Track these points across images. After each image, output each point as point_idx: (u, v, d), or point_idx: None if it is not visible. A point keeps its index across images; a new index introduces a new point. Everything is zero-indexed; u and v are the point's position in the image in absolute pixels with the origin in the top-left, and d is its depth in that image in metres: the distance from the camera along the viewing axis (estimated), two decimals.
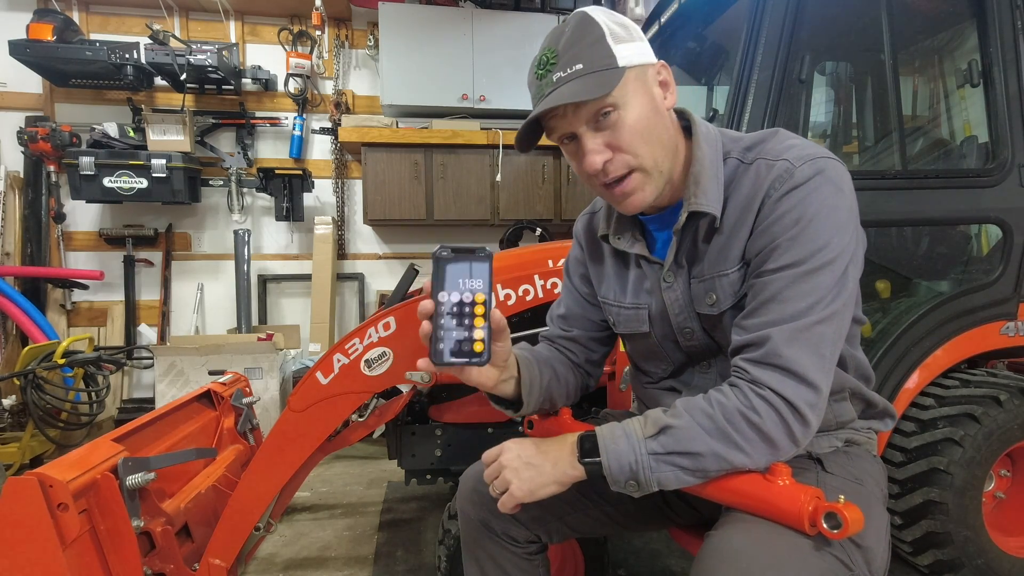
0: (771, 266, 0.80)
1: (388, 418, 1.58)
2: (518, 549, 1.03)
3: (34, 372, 2.60)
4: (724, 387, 0.80)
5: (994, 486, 1.66)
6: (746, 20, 1.52)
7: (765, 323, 0.78)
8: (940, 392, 1.59)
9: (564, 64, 0.79)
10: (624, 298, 1.01)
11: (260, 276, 3.84)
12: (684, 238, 0.90)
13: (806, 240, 0.78)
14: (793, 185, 0.80)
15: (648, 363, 1.05)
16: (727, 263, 0.86)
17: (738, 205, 0.85)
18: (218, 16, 3.71)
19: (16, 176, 3.55)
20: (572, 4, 3.78)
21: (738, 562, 0.72)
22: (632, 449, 0.78)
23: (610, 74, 0.78)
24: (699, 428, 0.77)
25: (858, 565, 0.78)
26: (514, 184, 3.64)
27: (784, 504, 0.74)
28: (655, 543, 1.99)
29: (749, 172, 0.86)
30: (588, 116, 0.81)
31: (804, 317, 0.77)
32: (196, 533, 1.41)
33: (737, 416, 0.76)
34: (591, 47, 0.79)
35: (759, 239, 0.82)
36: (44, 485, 1.01)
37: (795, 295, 0.77)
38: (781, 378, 0.76)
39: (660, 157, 0.84)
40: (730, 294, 0.86)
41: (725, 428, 0.76)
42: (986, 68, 1.67)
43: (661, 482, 0.78)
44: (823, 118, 2.35)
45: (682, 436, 0.77)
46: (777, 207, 0.80)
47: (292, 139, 3.80)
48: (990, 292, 1.66)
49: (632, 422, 0.82)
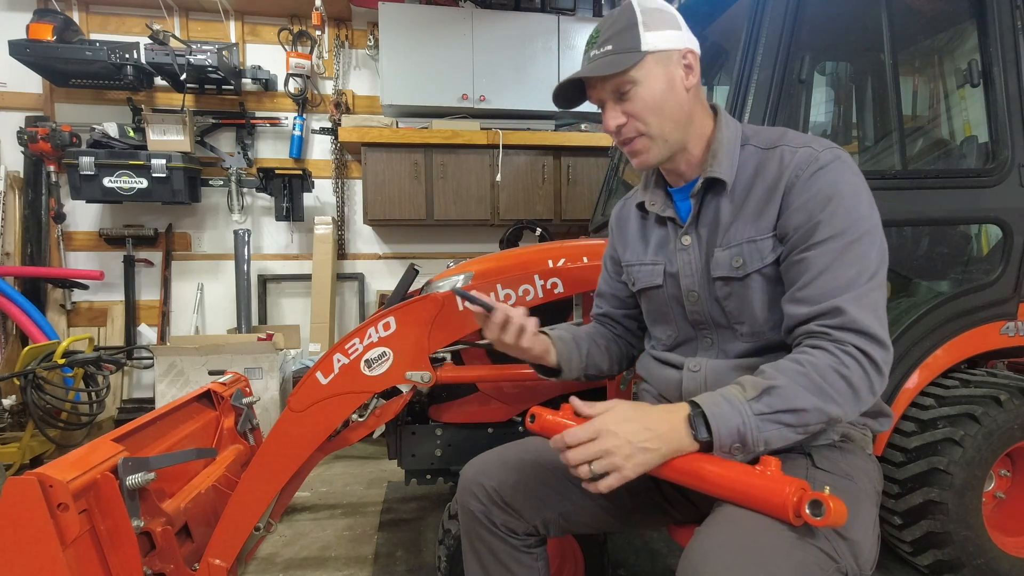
0: (816, 239, 0.89)
1: (388, 418, 1.58)
2: (517, 542, 1.04)
3: (34, 372, 2.60)
4: (806, 349, 0.86)
5: (994, 486, 1.66)
6: (746, 20, 1.52)
7: (827, 293, 0.87)
8: (940, 392, 1.59)
9: (600, 44, 0.96)
10: (645, 256, 1.13)
11: (260, 276, 3.84)
12: (703, 206, 1.02)
13: (843, 214, 0.88)
14: (819, 166, 0.91)
15: (657, 326, 1.15)
16: (757, 231, 0.96)
17: (766, 184, 0.96)
18: (218, 16, 3.71)
19: (16, 176, 3.55)
20: (572, 4, 3.78)
21: (724, 555, 0.75)
22: (738, 413, 0.81)
23: (629, 57, 0.94)
24: (799, 386, 0.83)
25: (844, 557, 0.81)
26: (514, 184, 3.64)
27: (770, 494, 0.75)
28: (655, 543, 1.99)
29: (773, 156, 0.97)
30: (612, 88, 0.97)
31: (859, 284, 0.86)
32: (196, 533, 1.41)
33: (830, 372, 0.83)
34: (622, 33, 0.95)
35: (795, 216, 0.91)
36: (44, 485, 1.01)
37: (845, 264, 0.87)
38: (859, 338, 0.84)
39: (668, 129, 0.98)
40: (757, 259, 0.96)
41: (821, 384, 0.82)
42: (986, 68, 1.67)
43: (768, 441, 0.82)
44: (823, 118, 2.35)
45: (786, 394, 0.82)
46: (808, 186, 0.91)
47: (292, 139, 3.81)
48: (990, 292, 1.66)
49: (728, 389, 0.85)
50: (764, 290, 0.96)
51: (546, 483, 1.06)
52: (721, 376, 1.00)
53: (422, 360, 1.46)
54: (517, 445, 1.13)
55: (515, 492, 1.04)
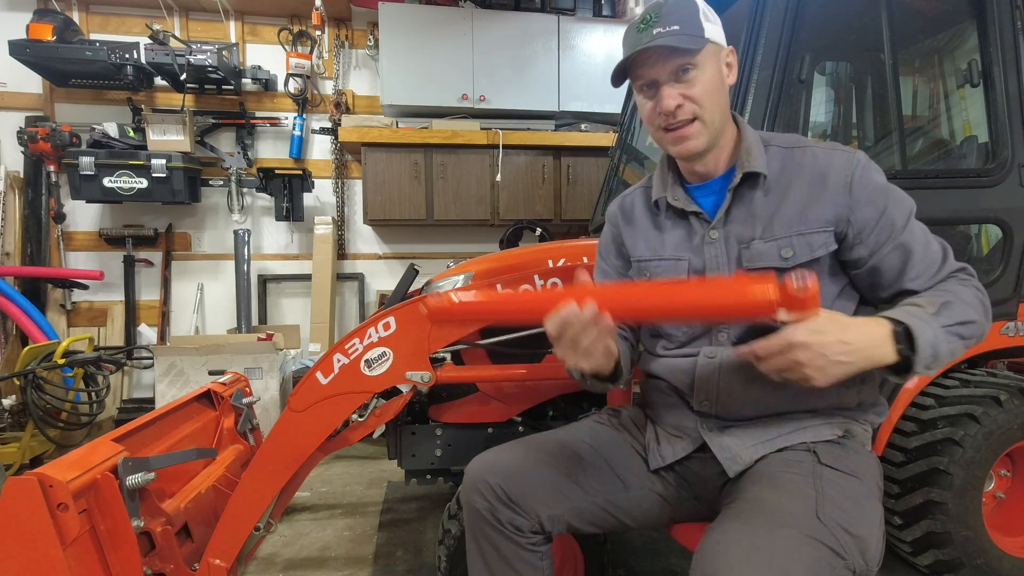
0: (897, 227, 0.98)
1: (388, 418, 1.58)
2: (523, 540, 1.04)
3: (34, 372, 2.60)
4: (947, 283, 0.97)
5: (994, 486, 1.66)
6: (746, 20, 1.52)
7: (932, 265, 0.98)
8: (940, 392, 1.59)
9: (664, 23, 0.95)
10: (663, 251, 1.11)
11: (260, 276, 3.84)
12: (737, 199, 1.03)
13: (899, 200, 0.99)
14: (863, 165, 0.99)
15: (671, 325, 1.11)
16: (807, 225, 0.99)
17: (807, 180, 1.00)
18: (218, 16, 3.71)
19: (16, 176, 3.55)
20: (572, 4, 3.78)
21: (736, 553, 0.76)
22: (929, 327, 0.86)
23: (699, 39, 0.96)
24: (964, 302, 0.92)
25: (851, 554, 0.82)
26: (514, 184, 3.64)
27: (749, 295, 0.76)
28: (656, 542, 1.99)
29: (803, 155, 1.02)
30: (673, 68, 0.97)
31: (944, 247, 1.00)
32: (196, 533, 1.41)
33: (976, 293, 0.95)
34: (688, 16, 0.96)
35: (863, 211, 0.98)
36: (44, 485, 1.01)
37: (927, 239, 1.00)
38: (968, 274, 0.99)
39: (718, 117, 1.00)
40: (806, 252, 0.99)
41: (973, 301, 0.93)
42: (986, 68, 1.67)
43: (953, 352, 0.89)
44: (823, 118, 2.35)
45: (959, 309, 0.90)
46: (865, 183, 0.98)
47: (292, 139, 3.81)
48: (990, 292, 1.64)
49: (909, 308, 0.90)
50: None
51: (552, 481, 1.06)
52: (737, 364, 1.02)
53: (422, 360, 1.46)
54: (523, 442, 1.13)
55: (522, 490, 1.03)
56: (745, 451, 1.01)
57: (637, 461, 1.12)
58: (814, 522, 0.82)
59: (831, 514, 0.84)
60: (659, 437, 1.13)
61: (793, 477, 0.92)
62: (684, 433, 1.09)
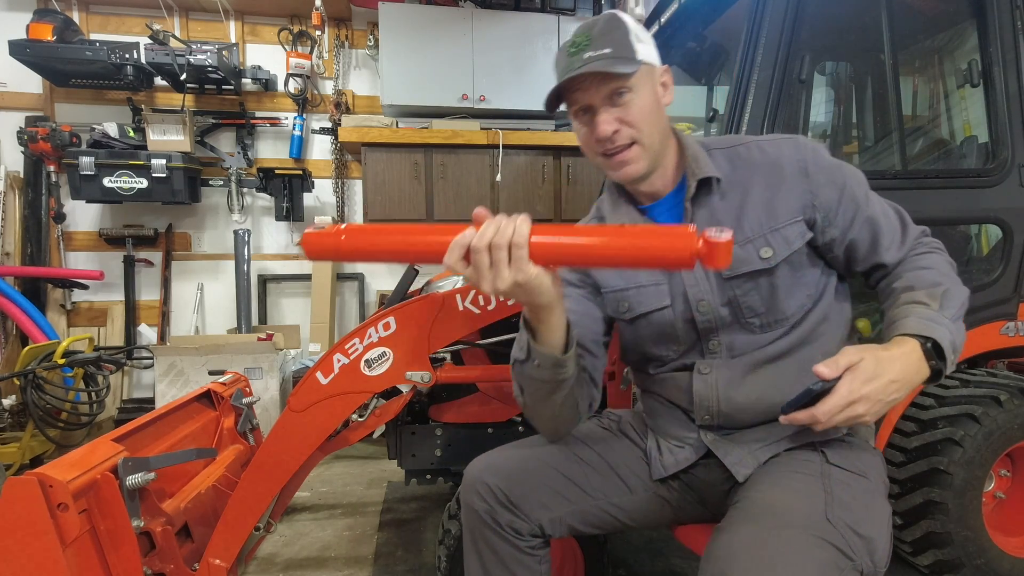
0: (859, 201, 1.00)
1: (388, 418, 1.58)
2: (521, 543, 1.03)
3: (34, 372, 2.60)
4: (914, 258, 0.99)
5: (994, 486, 1.66)
6: (746, 20, 1.52)
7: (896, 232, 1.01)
8: (940, 392, 1.59)
9: (596, 47, 0.93)
10: (638, 278, 1.06)
11: (260, 276, 3.84)
12: (697, 209, 1.01)
13: (852, 174, 1.02)
14: (813, 148, 1.01)
15: (659, 347, 1.07)
16: (777, 219, 0.99)
17: (763, 174, 1.00)
18: (218, 16, 3.71)
19: (16, 176, 3.55)
20: (572, 4, 3.78)
21: (745, 555, 0.76)
22: (945, 328, 0.87)
23: (630, 62, 0.92)
24: (953, 280, 0.95)
25: (860, 555, 0.82)
26: (514, 184, 3.64)
27: (671, 246, 0.73)
28: (656, 542, 1.99)
29: (752, 150, 1.02)
30: (607, 92, 0.94)
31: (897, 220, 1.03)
32: (196, 533, 1.41)
33: (948, 260, 0.99)
34: (619, 39, 0.93)
35: (824, 192, 0.99)
36: (44, 485, 1.01)
37: (885, 206, 1.03)
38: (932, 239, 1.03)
39: (656, 139, 0.98)
40: (784, 247, 0.98)
41: (953, 273, 0.97)
42: (986, 68, 1.67)
43: (963, 337, 0.90)
44: (823, 118, 2.35)
45: (955, 293, 0.93)
46: (819, 165, 0.99)
47: (292, 139, 3.80)
48: (990, 292, 1.66)
49: (918, 308, 0.90)
50: (788, 275, 0.98)
51: (552, 484, 1.05)
52: (733, 376, 1.01)
53: (422, 360, 1.46)
54: (522, 444, 1.13)
55: (521, 493, 1.03)
56: (752, 455, 1.01)
57: (640, 464, 1.12)
58: (823, 523, 0.82)
59: (840, 515, 0.84)
60: (660, 447, 1.11)
61: (802, 477, 0.92)
62: (686, 443, 1.07)
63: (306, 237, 0.80)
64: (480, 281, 0.76)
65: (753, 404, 1.00)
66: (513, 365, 1.00)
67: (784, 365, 1.00)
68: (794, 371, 0.98)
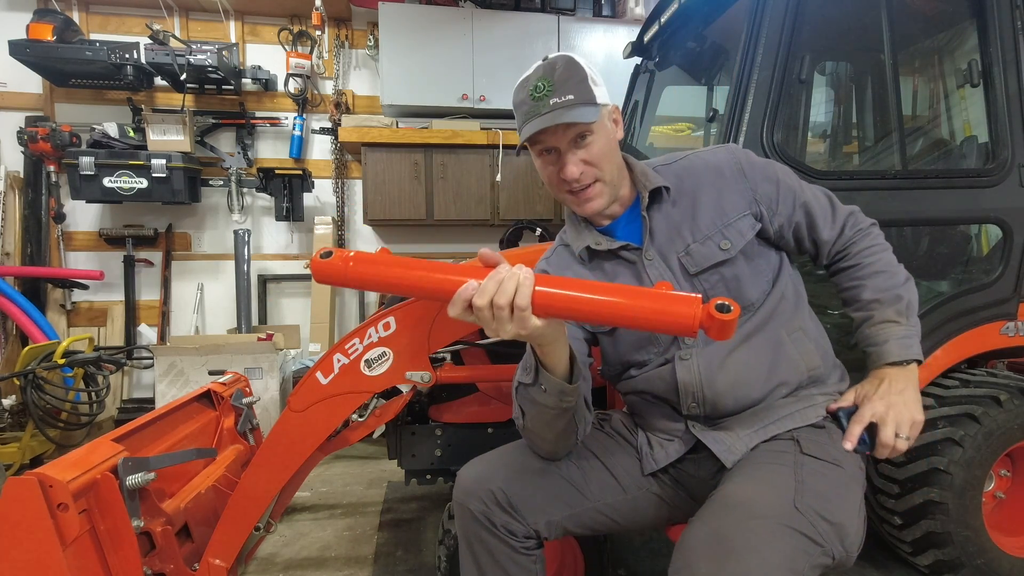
0: (795, 190, 1.11)
1: (388, 418, 1.58)
2: (516, 544, 1.05)
3: (34, 372, 2.60)
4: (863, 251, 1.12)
5: (994, 486, 1.66)
6: (746, 20, 1.52)
7: (827, 211, 1.13)
8: (940, 392, 1.59)
9: (559, 93, 0.99)
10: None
11: (260, 276, 3.84)
12: (653, 217, 1.10)
13: (783, 169, 1.14)
14: (744, 151, 1.13)
15: (639, 352, 1.13)
16: (728, 216, 1.08)
17: (708, 180, 1.10)
18: (218, 16, 3.71)
19: (16, 176, 3.55)
20: (572, 4, 3.78)
21: (717, 545, 0.79)
22: (914, 339, 1.05)
23: (593, 108, 1.00)
24: (905, 284, 1.09)
25: (829, 541, 0.85)
26: (514, 184, 3.64)
27: (677, 307, 0.74)
28: (656, 542, 1.99)
29: (693, 161, 1.13)
30: (572, 136, 1.01)
31: (826, 199, 1.15)
32: (196, 533, 1.41)
33: (891, 256, 1.12)
34: (579, 84, 1.00)
35: (763, 187, 1.10)
36: (44, 485, 1.01)
37: (813, 195, 1.13)
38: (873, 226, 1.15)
39: (615, 175, 1.07)
40: (739, 238, 1.07)
41: (901, 270, 1.11)
42: (986, 68, 1.67)
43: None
44: (823, 118, 2.35)
45: (911, 298, 1.08)
46: (753, 165, 1.11)
47: (292, 139, 3.80)
48: (990, 292, 1.66)
49: (891, 328, 1.05)
50: (746, 265, 1.07)
51: (548, 487, 1.06)
52: (711, 360, 1.05)
53: (422, 360, 1.46)
54: (517, 447, 1.14)
55: (518, 495, 1.04)
56: (739, 441, 1.04)
57: (632, 461, 1.14)
58: (791, 511, 0.84)
59: (809, 503, 0.86)
60: (651, 442, 1.14)
61: (775, 468, 0.95)
62: (675, 436, 1.11)
63: (315, 264, 0.84)
64: (484, 328, 0.80)
65: (732, 389, 1.05)
66: (517, 388, 1.02)
67: (755, 344, 1.07)
68: (764, 347, 1.07)
